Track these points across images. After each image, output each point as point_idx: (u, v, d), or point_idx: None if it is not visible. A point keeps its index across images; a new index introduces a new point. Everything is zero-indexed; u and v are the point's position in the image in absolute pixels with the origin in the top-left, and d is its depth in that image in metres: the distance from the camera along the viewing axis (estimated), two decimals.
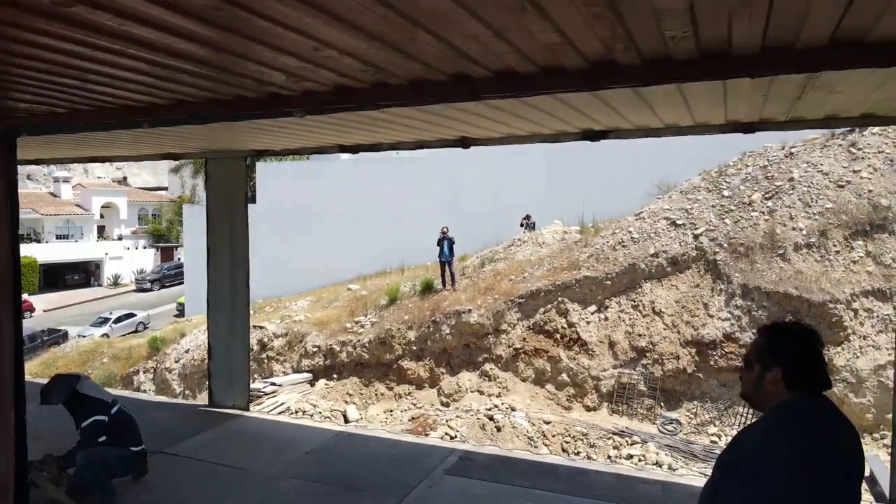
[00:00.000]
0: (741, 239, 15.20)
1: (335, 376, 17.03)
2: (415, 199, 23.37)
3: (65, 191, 50.58)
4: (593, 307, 15.65)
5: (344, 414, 15.25)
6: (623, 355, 14.88)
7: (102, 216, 50.51)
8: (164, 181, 61.90)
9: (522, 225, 21.17)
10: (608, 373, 14.83)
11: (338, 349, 17.17)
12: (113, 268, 47.10)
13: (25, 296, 39.81)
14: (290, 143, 6.28)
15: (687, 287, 15.24)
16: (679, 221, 16.30)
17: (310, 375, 17.07)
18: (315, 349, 17.55)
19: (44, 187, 54.67)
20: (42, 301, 40.65)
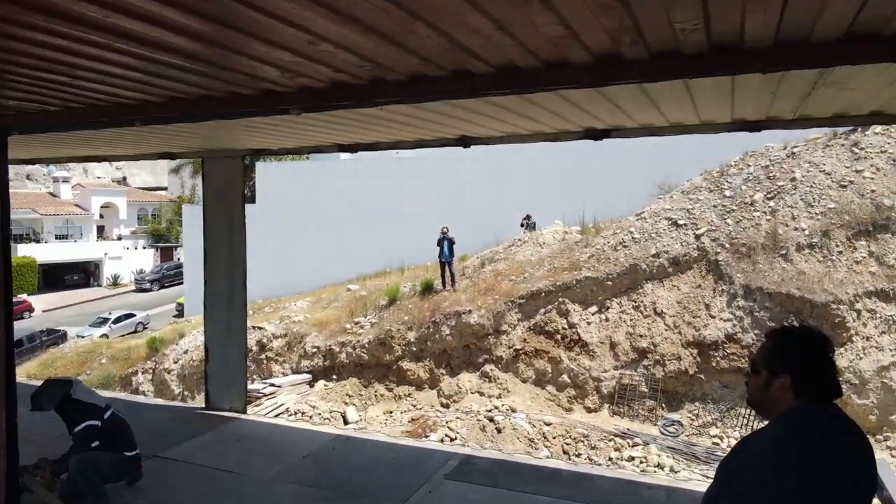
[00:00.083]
0: (743, 239, 15.11)
1: (334, 377, 16.94)
2: (415, 199, 23.29)
3: (64, 191, 50.49)
4: (594, 308, 15.57)
5: (343, 415, 15.16)
6: (624, 356, 14.79)
7: (102, 216, 50.43)
8: (164, 181, 61.85)
9: (523, 225, 21.09)
10: (609, 374, 14.74)
11: (337, 350, 17.08)
12: (112, 268, 47.03)
13: (25, 296, 39.86)
14: (288, 143, 6.19)
15: (688, 287, 15.15)
16: (680, 221, 16.21)
17: (309, 376, 16.99)
18: (314, 350, 17.46)
19: (43, 187, 54.60)
20: (41, 301, 40.60)
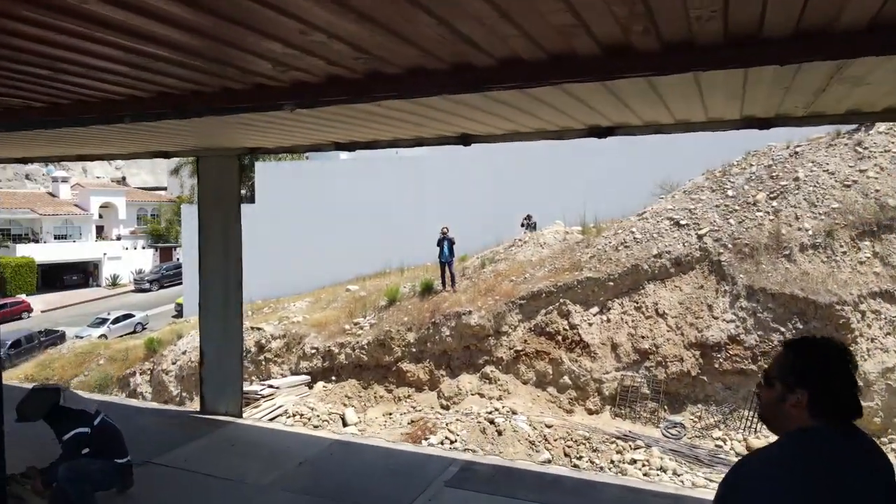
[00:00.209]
0: (746, 239, 14.99)
1: (334, 378, 16.81)
2: (415, 199, 23.16)
3: (63, 191, 50.39)
4: (595, 309, 15.44)
5: (342, 417, 15.03)
6: (626, 357, 14.66)
7: (101, 216, 50.32)
8: (164, 181, 61.74)
9: (523, 225, 20.96)
10: (611, 375, 14.61)
11: (336, 351, 16.96)
12: (111, 268, 46.91)
13: (23, 296, 39.77)
14: (284, 141, 6.05)
15: (691, 288, 15.01)
16: (682, 221, 16.08)
17: (308, 378, 16.86)
18: (313, 351, 17.33)
19: (42, 187, 54.49)
20: (40, 301, 40.50)
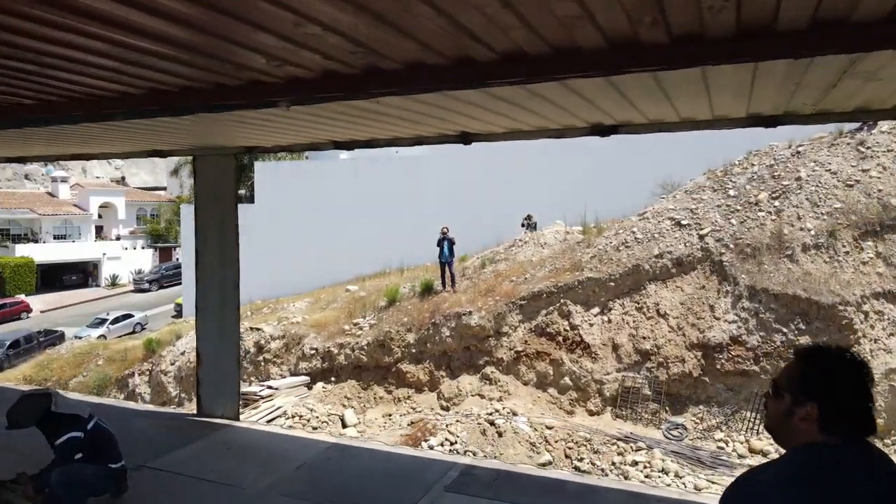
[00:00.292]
0: (748, 239, 14.89)
1: (333, 379, 16.72)
2: (415, 199, 23.06)
3: (63, 190, 50.31)
4: (596, 309, 15.34)
5: (342, 418, 14.95)
6: (627, 358, 14.56)
7: (100, 216, 50.22)
8: (163, 181, 61.61)
9: (524, 225, 20.86)
10: (612, 376, 14.51)
11: (336, 352, 16.86)
12: (111, 268, 46.81)
13: (23, 296, 39.68)
14: (281, 139, 5.95)
15: (692, 289, 14.92)
16: (684, 221, 15.98)
17: (307, 378, 16.76)
18: (312, 352, 17.23)
19: (42, 187, 54.40)
20: (39, 302, 40.41)
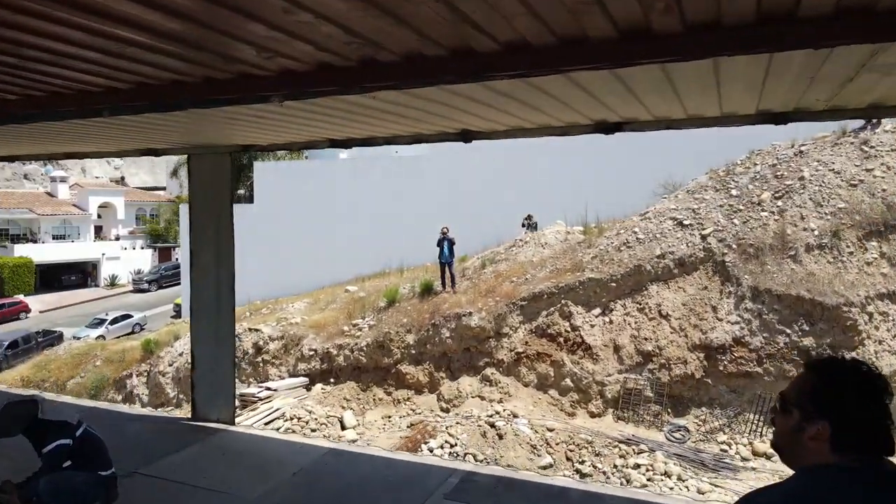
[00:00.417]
0: (750, 239, 14.76)
1: (332, 381, 16.58)
2: (414, 199, 22.92)
3: (62, 190, 50.19)
4: (598, 310, 15.20)
5: (340, 420, 14.81)
6: (629, 360, 14.42)
7: (100, 216, 50.09)
8: (163, 181, 61.51)
9: (524, 225, 20.72)
10: (613, 378, 14.37)
11: (335, 353, 16.72)
12: (110, 268, 46.66)
13: (21, 296, 39.54)
14: (277, 138, 5.82)
15: (694, 289, 14.77)
16: (686, 221, 15.84)
17: (306, 380, 16.64)
18: (311, 353, 17.09)
19: (41, 187, 54.28)
20: (38, 302, 40.26)
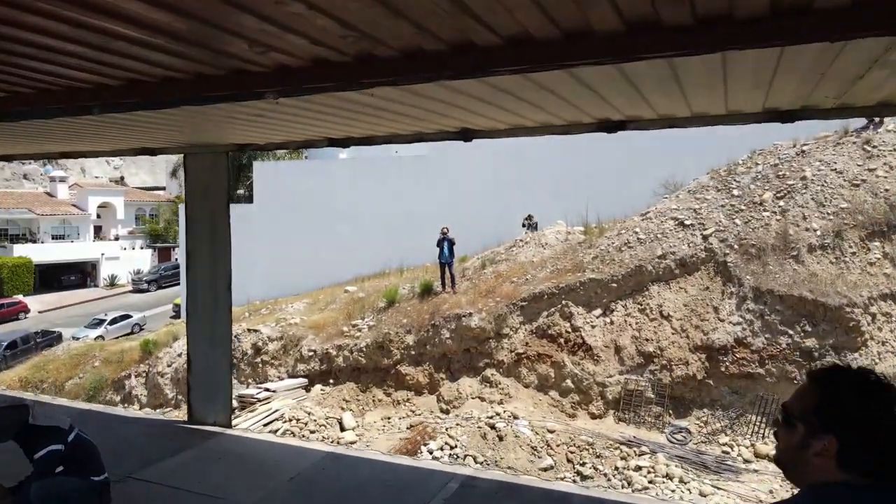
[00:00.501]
0: (752, 240, 14.67)
1: (331, 382, 16.49)
2: (414, 199, 22.83)
3: (61, 190, 50.10)
4: (598, 311, 15.11)
5: (340, 421, 14.72)
6: (630, 361, 14.33)
7: (99, 216, 50.01)
8: (162, 181, 61.48)
9: (524, 225, 20.63)
10: (614, 379, 14.28)
11: (334, 353, 16.63)
12: (109, 268, 46.57)
13: (20, 297, 39.45)
14: (274, 136, 5.72)
15: (696, 290, 14.68)
16: (687, 222, 15.75)
17: (305, 381, 16.56)
18: (311, 353, 17.00)
19: (40, 187, 54.18)
20: (37, 302, 40.17)
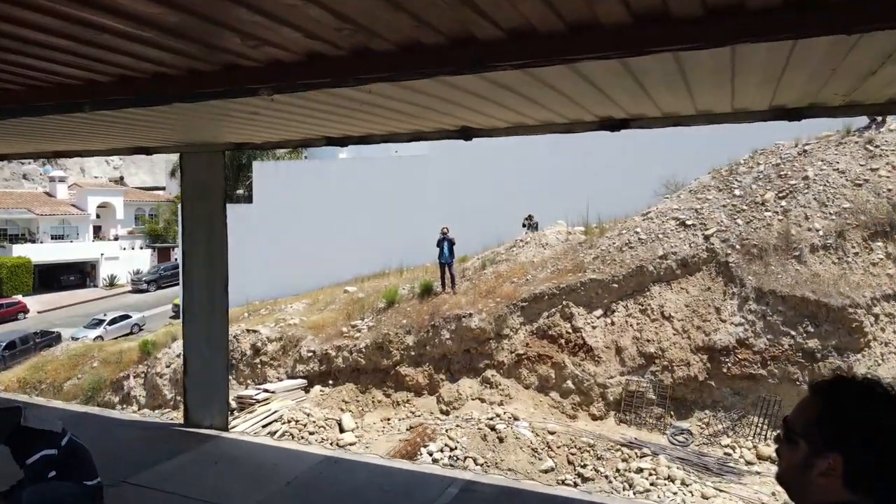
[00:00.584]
0: (754, 240, 14.57)
1: (331, 383, 16.40)
2: (414, 199, 22.73)
3: (60, 190, 50.02)
4: (599, 311, 15.02)
5: (339, 423, 14.63)
6: (631, 362, 14.24)
7: (98, 216, 49.90)
8: (162, 181, 61.33)
9: (525, 225, 20.54)
10: (615, 380, 14.20)
11: (334, 354, 16.54)
12: (109, 268, 46.47)
13: (20, 297, 39.36)
14: (271, 135, 5.63)
15: (698, 290, 14.59)
16: (688, 222, 15.66)
17: (304, 382, 16.47)
18: (310, 354, 16.91)
19: (39, 187, 54.10)
20: (36, 302, 40.06)
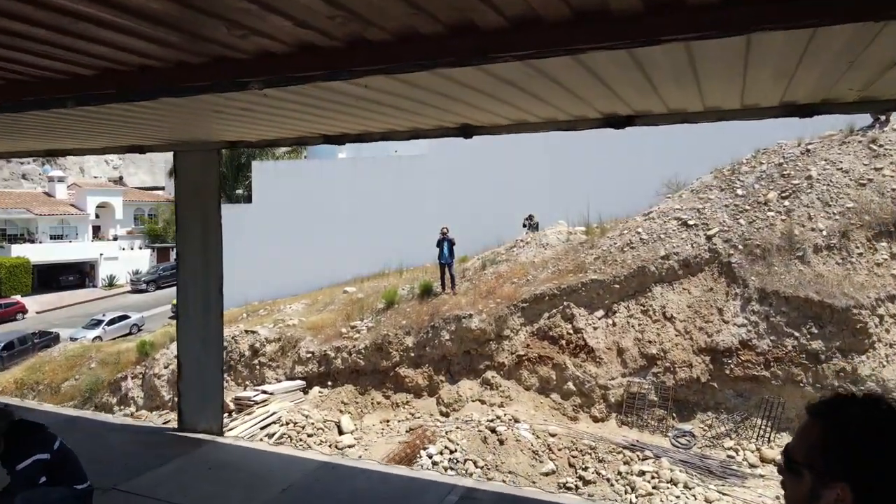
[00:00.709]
0: (757, 240, 14.45)
1: (330, 384, 16.29)
2: (414, 199, 22.60)
3: (59, 190, 49.92)
4: (600, 312, 14.89)
5: (338, 425, 14.51)
6: (632, 363, 14.13)
7: (98, 216, 49.80)
8: (161, 181, 61.14)
9: (525, 225, 20.42)
10: (617, 381, 14.08)
11: (332, 355, 16.43)
12: (108, 268, 46.36)
13: (18, 297, 39.24)
14: (266, 133, 5.50)
15: (700, 291, 14.47)
16: (690, 222, 15.53)
17: (303, 383, 16.36)
18: (309, 355, 16.79)
19: (38, 187, 53.96)
20: (35, 302, 39.95)
